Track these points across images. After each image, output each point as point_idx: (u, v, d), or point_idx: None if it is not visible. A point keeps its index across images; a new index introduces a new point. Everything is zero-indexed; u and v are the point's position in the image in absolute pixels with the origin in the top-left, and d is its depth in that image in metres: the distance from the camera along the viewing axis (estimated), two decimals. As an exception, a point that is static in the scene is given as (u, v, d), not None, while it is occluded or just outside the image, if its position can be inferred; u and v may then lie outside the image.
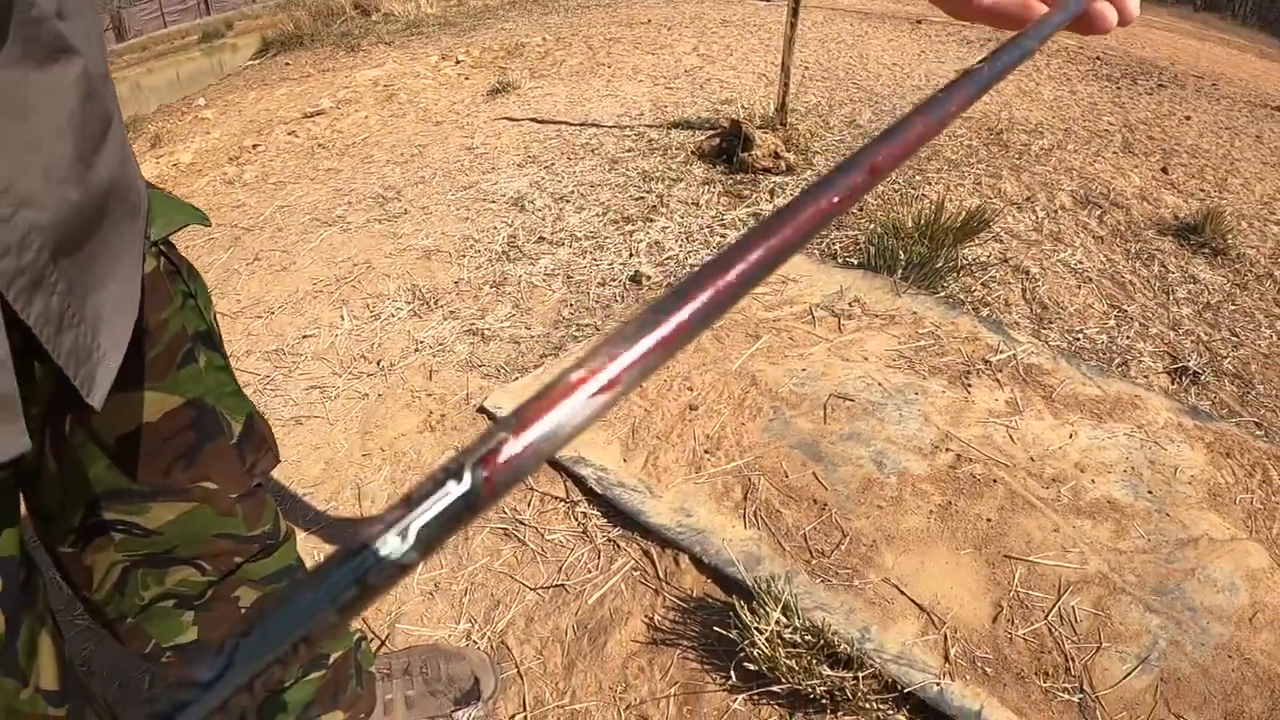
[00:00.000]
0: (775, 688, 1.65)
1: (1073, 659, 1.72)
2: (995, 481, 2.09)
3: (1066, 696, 1.65)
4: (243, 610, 1.19)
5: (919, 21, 8.42)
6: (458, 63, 7.08)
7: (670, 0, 9.47)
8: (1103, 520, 2.02)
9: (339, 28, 9.90)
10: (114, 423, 0.97)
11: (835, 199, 0.33)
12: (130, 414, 0.98)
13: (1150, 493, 2.10)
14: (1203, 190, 4.25)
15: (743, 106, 4.53)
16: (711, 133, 4.40)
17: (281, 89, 6.89)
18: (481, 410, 2.49)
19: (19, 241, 0.64)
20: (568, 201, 3.90)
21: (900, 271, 2.93)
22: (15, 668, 0.81)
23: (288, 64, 8.18)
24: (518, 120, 5.23)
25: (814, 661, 1.62)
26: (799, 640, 1.64)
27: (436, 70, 6.83)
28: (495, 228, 3.69)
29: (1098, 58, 7.70)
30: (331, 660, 1.41)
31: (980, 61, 0.43)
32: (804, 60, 6.25)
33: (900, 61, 6.57)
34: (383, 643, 1.88)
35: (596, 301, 3.04)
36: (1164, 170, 4.56)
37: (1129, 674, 1.69)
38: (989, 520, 1.99)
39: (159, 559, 1.10)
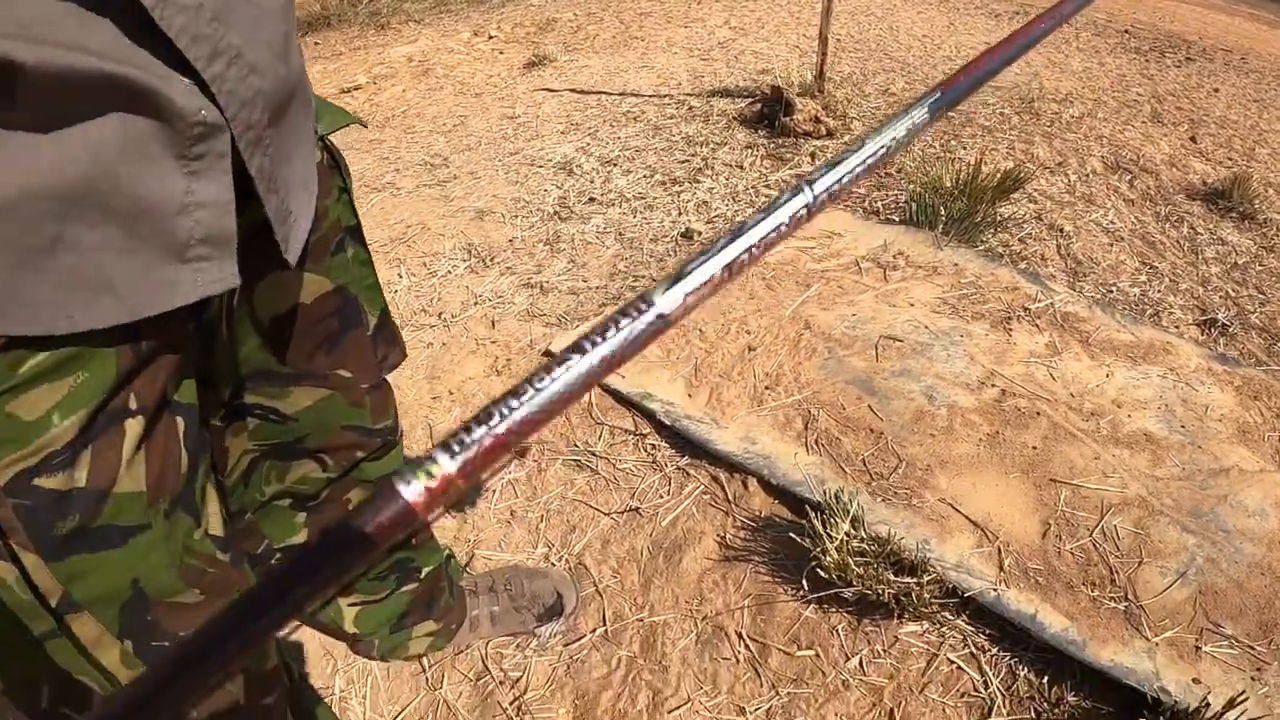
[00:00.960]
0: (845, 593, 1.78)
1: (1117, 572, 1.85)
2: (1039, 414, 2.22)
3: (1113, 605, 1.78)
4: None
5: (945, -3, 8.49)
6: (490, 38, 7.17)
7: (697, -25, 9.55)
8: (1140, 450, 2.15)
9: (366, 7, 10.00)
10: (273, 300, 1.03)
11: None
12: (289, 293, 1.04)
13: (1183, 427, 2.23)
14: (1230, 159, 4.35)
15: (780, 76, 4.64)
16: (752, 100, 4.52)
17: (315, 67, 7.01)
18: (546, 355, 2.62)
19: (249, 100, 0.73)
20: (615, 165, 4.03)
21: (941, 226, 3.05)
22: (193, 507, 0.88)
23: (317, 44, 8.30)
24: (557, 91, 5.34)
25: (881, 568, 1.75)
26: (866, 549, 1.78)
27: (470, 46, 6.94)
28: (545, 190, 3.82)
29: (1126, 31, 7.74)
30: (424, 573, 1.51)
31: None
32: (835, 32, 6.34)
33: (930, 34, 6.66)
34: (464, 569, 2.01)
35: (650, 255, 3.17)
36: (1192, 139, 4.64)
37: (1169, 586, 1.82)
38: (1034, 448, 2.12)
39: (287, 449, 1.17)
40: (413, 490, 0.32)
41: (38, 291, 0.62)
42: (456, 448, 0.33)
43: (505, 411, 0.33)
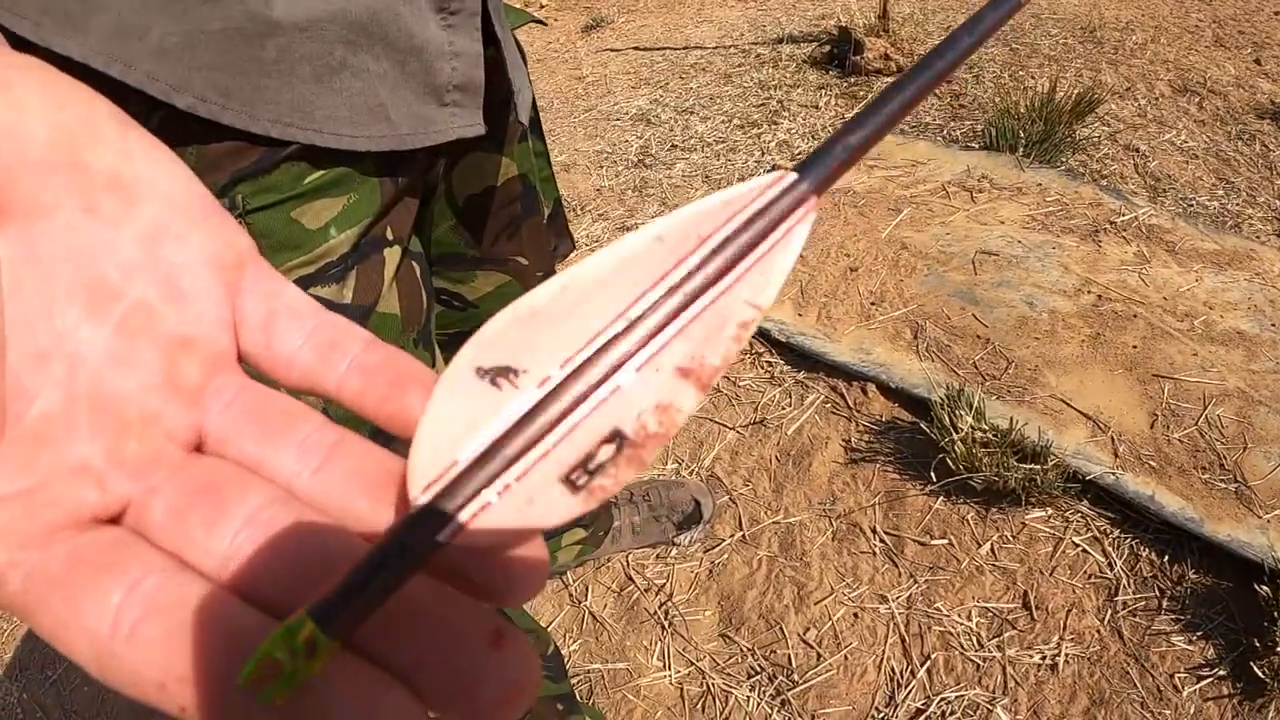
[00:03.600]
0: (974, 481, 1.90)
1: (1224, 457, 1.95)
2: (1135, 316, 2.31)
3: (1224, 486, 1.88)
4: None
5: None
6: (542, 6, 7.26)
7: (743, -69, 9.56)
8: (1234, 347, 2.23)
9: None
10: (470, 181, 1.07)
11: None
12: (485, 174, 1.08)
13: (1273, 325, 2.30)
14: (1299, 79, 4.38)
15: (843, 19, 4.71)
16: (818, 43, 4.60)
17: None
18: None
19: None
20: (692, 113, 4.12)
21: (1021, 149, 3.14)
22: (431, 345, 0.98)
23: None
24: (621, 50, 5.44)
25: (1006, 456, 1.87)
26: (990, 439, 1.89)
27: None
28: (626, 141, 3.93)
29: None
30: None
31: None
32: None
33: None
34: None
35: (739, 194, 3.28)
36: (1257, 61, 4.65)
37: (1276, 469, 1.91)
38: (1134, 347, 2.22)
39: (464, 339, 1.28)
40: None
41: (330, 107, 0.72)
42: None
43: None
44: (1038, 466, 1.85)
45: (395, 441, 0.28)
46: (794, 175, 0.27)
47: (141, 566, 0.24)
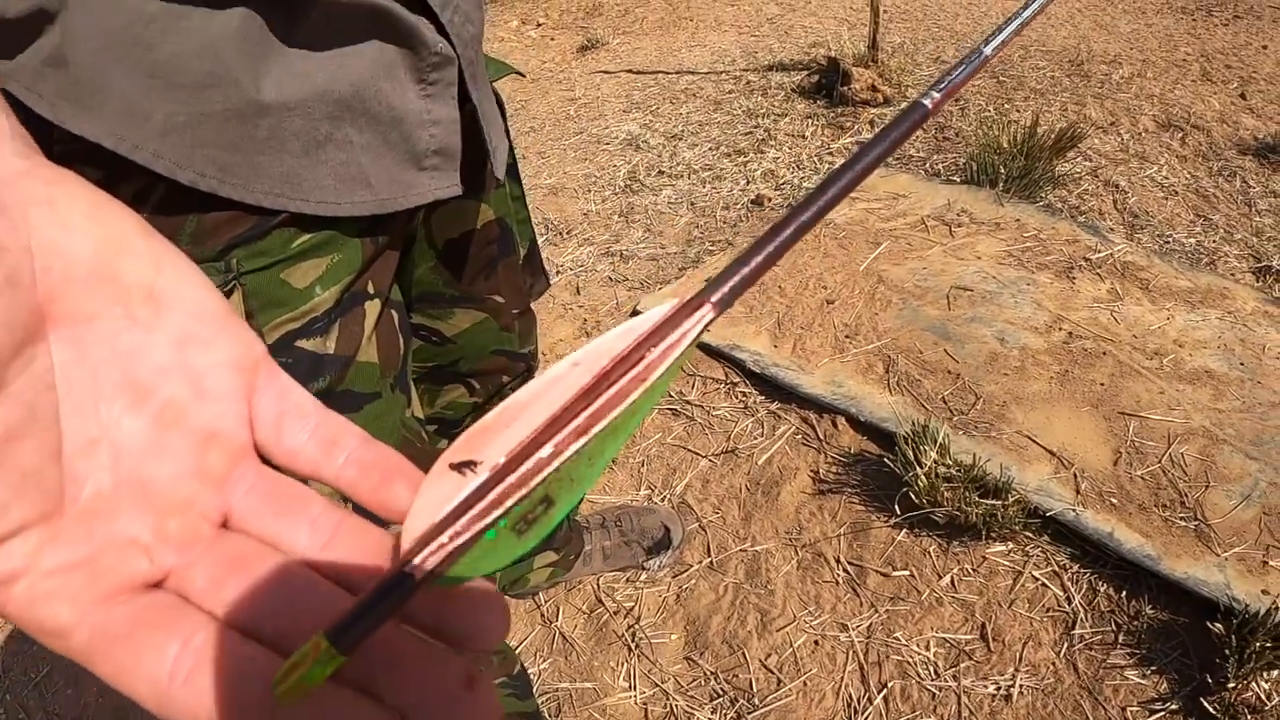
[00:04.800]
0: (936, 515, 1.94)
1: (1186, 495, 1.99)
2: (1105, 354, 2.36)
3: (1184, 524, 1.92)
4: None
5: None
6: (538, 25, 7.32)
7: (739, -45, 9.63)
8: (1202, 386, 2.28)
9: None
10: (449, 226, 1.14)
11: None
12: (465, 219, 1.16)
13: (1242, 364, 2.35)
14: (1282, 113, 4.44)
15: (833, 48, 4.77)
16: (808, 72, 4.66)
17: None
18: (635, 314, 2.78)
19: (469, 40, 0.88)
20: (680, 139, 4.18)
21: (1001, 184, 3.19)
22: (406, 387, 1.04)
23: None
24: (613, 73, 5.49)
25: (968, 491, 1.91)
26: (953, 474, 1.93)
27: (519, 34, 7.09)
28: (614, 165, 3.98)
29: None
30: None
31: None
32: (882, 4, 6.49)
33: (976, 0, 6.75)
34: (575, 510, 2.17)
35: (723, 222, 3.33)
36: (1242, 96, 4.71)
37: (1235, 507, 1.96)
38: (1102, 384, 2.26)
39: (441, 373, 1.31)
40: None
41: (316, 177, 0.78)
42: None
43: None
44: (999, 502, 1.89)
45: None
46: (693, 300, 0.33)
47: (192, 626, 0.29)
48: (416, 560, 0.27)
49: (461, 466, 0.30)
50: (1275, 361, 2.37)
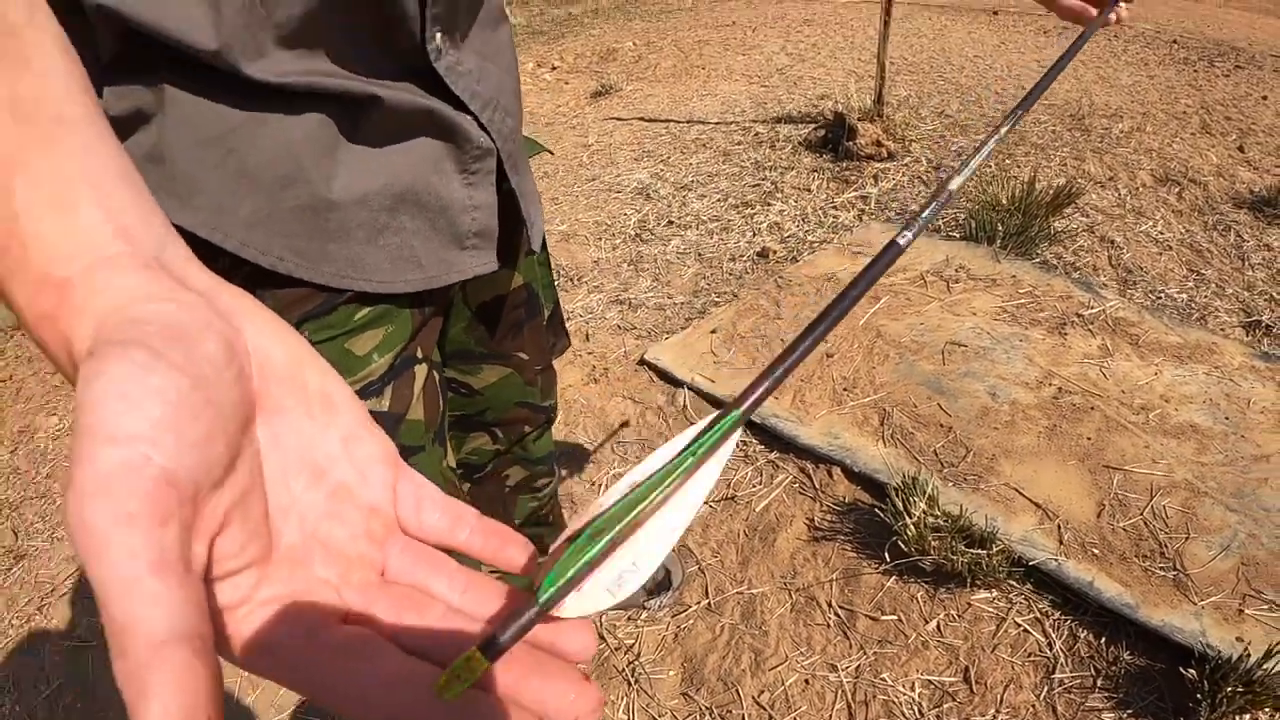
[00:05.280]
0: (923, 564, 2.04)
1: (1166, 546, 2.08)
2: (1093, 409, 2.46)
3: (1163, 573, 2.02)
4: (507, 489, 1.55)
5: (995, 12, 8.65)
6: (554, 69, 7.46)
7: (750, 2, 9.76)
8: (1186, 440, 2.37)
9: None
10: (483, 290, 1.23)
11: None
12: (497, 285, 1.25)
13: (1227, 419, 2.45)
14: (1278, 166, 4.52)
15: (840, 101, 4.90)
16: (815, 125, 4.78)
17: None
18: (642, 363, 2.90)
19: (507, 134, 0.99)
20: (689, 190, 4.30)
21: (999, 241, 3.30)
22: (444, 440, 1.14)
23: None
24: (626, 120, 5.62)
25: (955, 540, 2.01)
26: (941, 524, 2.03)
27: (535, 76, 7.24)
28: (625, 214, 4.10)
29: (1174, 41, 7.82)
30: (551, 549, 1.78)
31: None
32: (890, 56, 6.61)
33: (981, 54, 6.85)
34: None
35: (729, 274, 3.45)
36: (1240, 149, 4.80)
37: (1214, 558, 2.05)
38: (1089, 439, 2.36)
39: (468, 422, 1.41)
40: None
41: (376, 261, 0.90)
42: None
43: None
44: (984, 551, 1.99)
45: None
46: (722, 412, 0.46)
47: (384, 653, 0.38)
48: (542, 597, 0.39)
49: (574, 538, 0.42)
50: (1259, 416, 2.46)
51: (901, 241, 0.59)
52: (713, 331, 2.95)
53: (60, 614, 2.46)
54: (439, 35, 0.83)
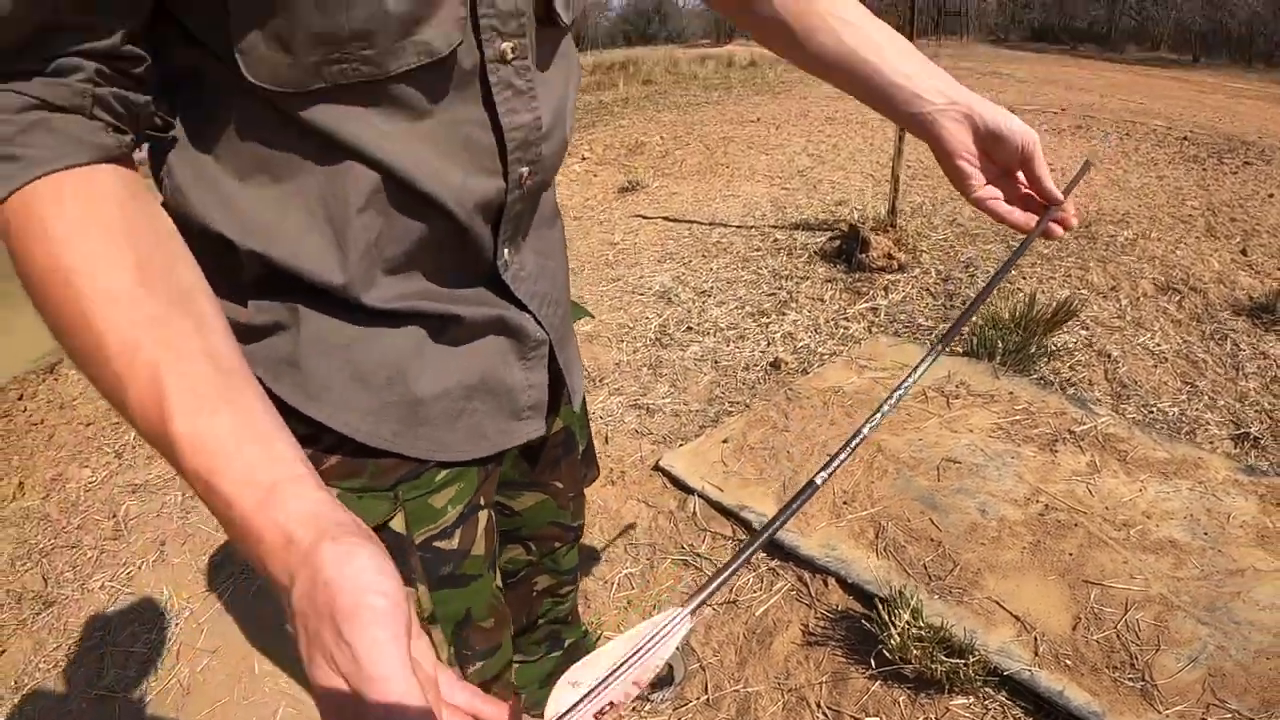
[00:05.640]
0: (905, 671, 2.21)
1: (1136, 658, 2.24)
2: (1076, 525, 2.63)
3: (1131, 684, 2.17)
4: (535, 593, 1.70)
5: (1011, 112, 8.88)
6: (583, 159, 7.73)
7: (775, 96, 10.06)
8: (1164, 555, 2.54)
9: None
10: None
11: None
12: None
13: (1205, 534, 2.61)
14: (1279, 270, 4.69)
15: (856, 208, 5.12)
16: (831, 235, 5.01)
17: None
18: (656, 468, 3.10)
19: (558, 325, 1.19)
20: (709, 296, 4.53)
21: (999, 358, 3.49)
22: (495, 566, 1.31)
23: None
24: (651, 218, 5.87)
25: (935, 651, 2.18)
26: (923, 635, 2.20)
27: (565, 166, 7.50)
28: (647, 317, 4.33)
29: (1185, 138, 8.00)
30: (568, 644, 1.91)
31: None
32: (906, 159, 6.84)
33: (995, 156, 7.07)
34: (594, 644, 2.46)
35: (743, 383, 3.65)
36: (1243, 252, 4.97)
37: (1182, 669, 2.20)
38: (1070, 554, 2.53)
39: (506, 536, 1.59)
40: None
41: (455, 438, 1.10)
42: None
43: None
44: (962, 661, 2.16)
45: None
46: (677, 611, 0.64)
47: None
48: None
49: (570, 682, 0.59)
50: (1238, 530, 2.62)
51: (818, 480, 0.78)
52: (724, 441, 3.15)
53: (89, 663, 2.65)
54: (506, 251, 1.04)
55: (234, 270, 0.87)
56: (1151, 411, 3.35)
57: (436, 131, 0.85)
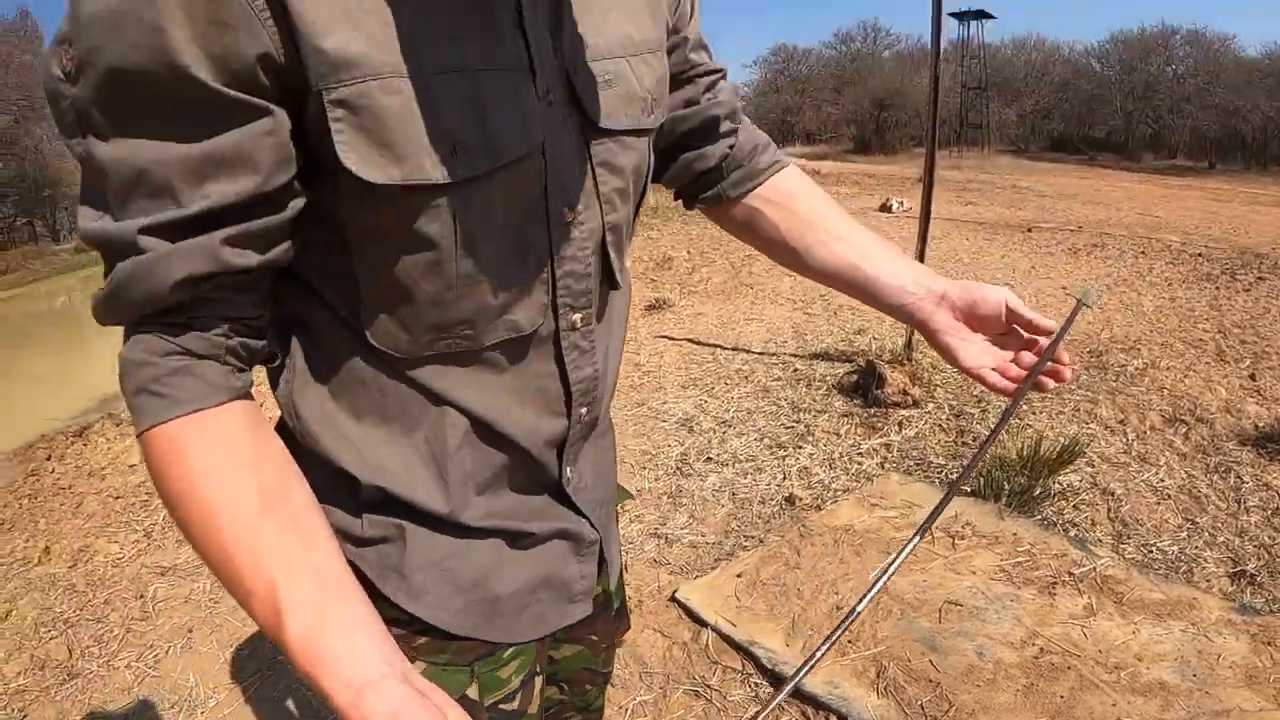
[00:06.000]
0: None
1: (1121, 801, 2.38)
2: (1069, 668, 2.77)
3: (1115, 827, 2.32)
4: None
5: (1029, 229, 9.12)
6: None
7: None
8: (1153, 697, 2.67)
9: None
10: None
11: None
12: None
13: (1194, 675, 2.73)
14: (1288, 394, 4.79)
15: (875, 338, 5.31)
16: (849, 368, 5.20)
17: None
18: (673, 600, 3.26)
19: (606, 523, 1.37)
20: (730, 426, 4.72)
21: (1004, 499, 3.65)
22: (543, 714, 1.50)
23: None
24: (676, 340, 6.09)
25: (929, 793, 2.33)
26: (919, 778, 2.36)
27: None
28: (669, 445, 4.52)
29: (1199, 254, 8.12)
30: None
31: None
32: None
33: (1012, 280, 7.26)
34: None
35: (758, 517, 3.82)
36: (1251, 377, 5.07)
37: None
38: (1062, 697, 2.67)
39: (545, 677, 1.75)
40: None
41: (523, 626, 1.27)
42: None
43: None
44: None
45: None
46: None
47: None
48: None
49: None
50: (1227, 671, 2.75)
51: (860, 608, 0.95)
52: (738, 575, 3.32)
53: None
54: (569, 469, 1.23)
55: (353, 493, 1.07)
56: (1151, 550, 3.48)
57: (516, 384, 1.07)
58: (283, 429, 1.06)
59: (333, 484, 1.03)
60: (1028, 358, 1.21)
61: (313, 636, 0.80)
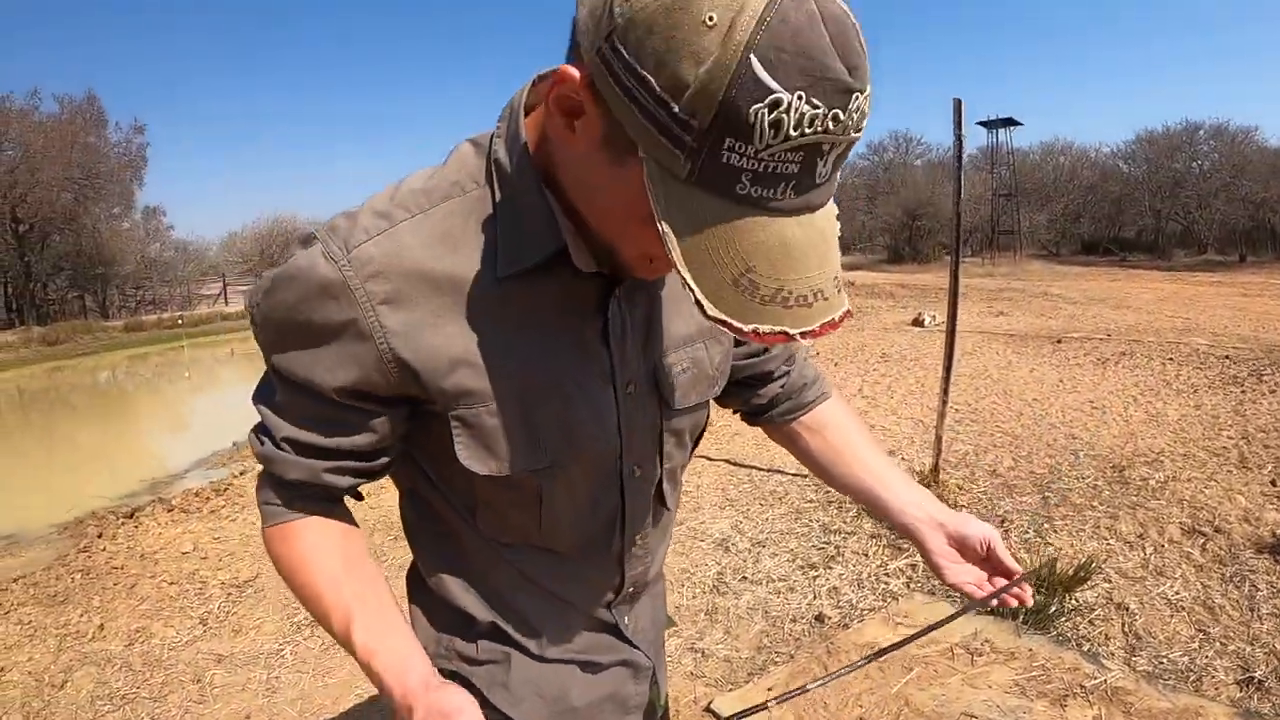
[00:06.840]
0: None
1: None
2: (1078, 777, 2.98)
3: None
4: None
5: (1059, 341, 9.29)
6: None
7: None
8: (1156, 808, 2.87)
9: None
10: None
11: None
12: None
13: (1198, 787, 2.94)
14: (1309, 501, 4.93)
15: (904, 459, 5.53)
16: (876, 485, 5.43)
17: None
18: (708, 710, 3.49)
19: (658, 649, 1.60)
20: (764, 546, 4.96)
21: (1022, 617, 3.86)
22: None
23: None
24: (714, 460, 6.35)
25: None
26: None
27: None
28: (706, 564, 4.76)
29: (1226, 356, 8.22)
30: None
31: None
32: (954, 403, 7.09)
33: (1040, 395, 7.44)
34: None
35: (789, 635, 4.04)
36: (1273, 483, 5.23)
37: None
38: (1071, 805, 2.88)
39: None
40: None
41: None
42: None
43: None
44: None
45: None
46: None
47: None
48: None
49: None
50: (1231, 779, 2.95)
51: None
52: (769, 689, 3.54)
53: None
54: (625, 618, 1.47)
55: (470, 626, 1.35)
56: (1162, 662, 3.62)
57: (582, 573, 1.35)
58: (414, 571, 1.38)
59: (452, 619, 1.33)
60: (1000, 581, 1.41)
61: (370, 643, 1.10)
